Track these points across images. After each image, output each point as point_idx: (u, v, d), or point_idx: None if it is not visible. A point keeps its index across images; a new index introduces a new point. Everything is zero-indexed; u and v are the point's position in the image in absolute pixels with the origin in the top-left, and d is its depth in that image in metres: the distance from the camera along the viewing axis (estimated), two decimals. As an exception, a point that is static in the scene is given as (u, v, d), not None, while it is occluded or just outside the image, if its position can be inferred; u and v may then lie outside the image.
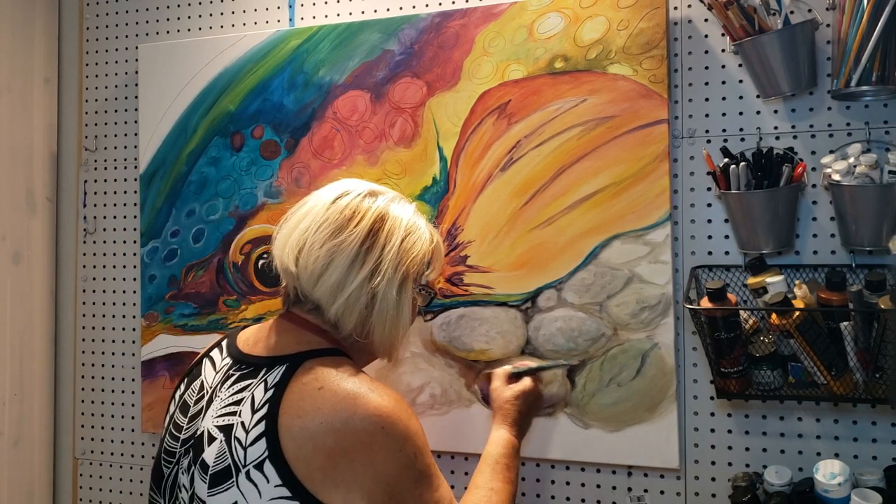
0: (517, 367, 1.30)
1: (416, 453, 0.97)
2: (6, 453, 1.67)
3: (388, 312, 1.05)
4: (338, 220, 1.04)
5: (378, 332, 1.06)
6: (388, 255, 1.04)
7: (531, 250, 1.40)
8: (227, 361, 1.07)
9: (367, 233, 1.04)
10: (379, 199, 1.08)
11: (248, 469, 0.93)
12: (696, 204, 1.36)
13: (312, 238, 1.03)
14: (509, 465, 1.15)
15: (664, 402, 1.33)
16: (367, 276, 1.03)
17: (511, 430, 1.20)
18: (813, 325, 1.17)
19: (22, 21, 1.73)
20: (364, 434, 0.93)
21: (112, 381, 1.76)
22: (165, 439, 1.07)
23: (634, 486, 1.39)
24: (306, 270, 1.03)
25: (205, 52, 1.64)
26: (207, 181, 1.64)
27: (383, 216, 1.06)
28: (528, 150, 1.41)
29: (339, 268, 1.02)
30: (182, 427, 1.05)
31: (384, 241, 1.04)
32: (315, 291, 1.04)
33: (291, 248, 1.05)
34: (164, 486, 1.04)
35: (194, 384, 1.09)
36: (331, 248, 1.02)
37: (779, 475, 1.23)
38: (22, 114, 1.73)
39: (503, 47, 1.43)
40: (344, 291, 1.02)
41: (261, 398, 0.96)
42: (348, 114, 1.53)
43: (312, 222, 1.05)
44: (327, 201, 1.07)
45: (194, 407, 1.05)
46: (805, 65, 1.22)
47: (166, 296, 1.67)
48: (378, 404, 0.95)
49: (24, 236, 1.73)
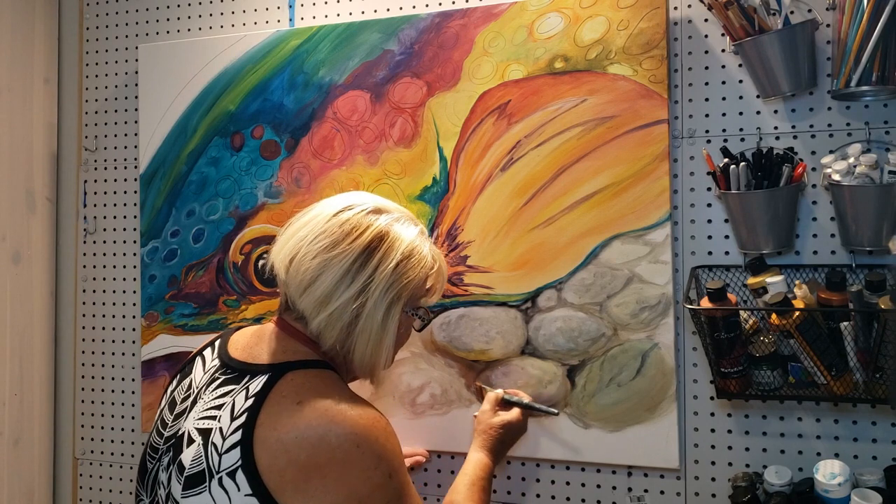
0: (509, 394, 1.32)
1: (390, 473, 0.96)
2: (6, 453, 1.67)
3: (371, 333, 1.03)
4: (335, 234, 1.03)
5: (359, 351, 1.04)
6: (380, 276, 1.02)
7: (531, 250, 1.40)
8: (215, 363, 1.07)
9: (362, 250, 1.02)
10: (382, 217, 1.06)
11: (220, 476, 0.93)
12: (696, 204, 1.36)
13: (307, 248, 1.03)
14: (485, 489, 1.16)
15: (664, 403, 1.33)
16: (355, 295, 1.01)
17: (489, 455, 1.22)
18: (813, 326, 1.17)
19: (22, 21, 1.73)
20: (338, 451, 0.92)
21: (112, 381, 1.76)
22: (152, 434, 1.08)
23: (634, 486, 1.39)
24: (295, 279, 1.03)
25: (205, 52, 1.64)
26: (207, 181, 1.64)
27: (383, 235, 1.04)
28: (528, 150, 1.41)
29: (326, 282, 1.01)
30: (167, 424, 1.05)
31: (378, 261, 1.03)
32: (300, 301, 1.03)
33: (285, 254, 1.05)
34: (146, 480, 1.05)
35: (184, 382, 1.09)
36: (322, 261, 1.02)
37: (779, 475, 1.23)
38: (22, 114, 1.73)
39: (503, 47, 1.43)
40: (328, 307, 1.01)
41: (241, 406, 0.96)
42: (348, 114, 1.53)
43: (310, 232, 1.04)
44: (329, 213, 1.06)
45: (180, 405, 1.05)
46: (805, 65, 1.22)
47: (166, 296, 1.67)
48: (354, 422, 0.94)
49: (24, 236, 1.73)
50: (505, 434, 1.25)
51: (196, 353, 1.15)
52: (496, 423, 1.25)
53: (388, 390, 1.49)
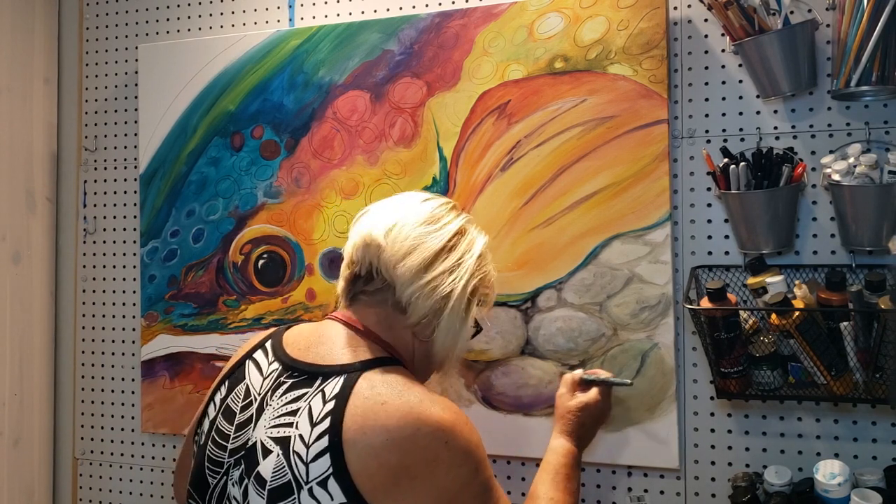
0: (587, 374, 1.23)
1: (477, 467, 0.95)
2: (6, 453, 1.67)
3: (455, 317, 1.04)
4: (430, 214, 1.06)
5: (441, 335, 1.04)
6: (467, 262, 1.05)
7: (531, 250, 1.40)
8: (275, 367, 1.02)
9: (453, 234, 1.06)
10: (462, 215, 1.11)
11: (311, 486, 0.89)
12: (696, 204, 1.36)
13: (406, 218, 1.05)
14: (570, 476, 1.11)
15: (664, 403, 1.33)
16: (449, 270, 1.03)
17: (570, 440, 1.16)
18: (813, 326, 1.17)
19: (22, 21, 1.73)
20: (428, 451, 0.91)
21: (112, 381, 1.76)
22: (209, 447, 1.02)
23: (634, 486, 1.39)
24: (394, 245, 1.03)
25: (205, 52, 1.64)
26: (207, 181, 1.64)
27: (464, 230, 1.08)
28: (528, 150, 1.41)
29: (426, 252, 1.03)
30: (229, 436, 1.00)
31: (466, 248, 1.06)
32: (397, 268, 1.02)
33: (383, 223, 1.05)
34: (209, 496, 1.00)
35: (238, 388, 1.04)
36: (422, 232, 1.04)
37: (779, 475, 1.23)
38: (22, 114, 1.73)
39: (503, 47, 1.43)
40: (426, 276, 1.02)
41: (320, 410, 0.93)
42: (348, 114, 1.53)
43: (406, 208, 1.07)
44: (418, 199, 1.09)
45: (241, 414, 1.01)
46: (805, 65, 1.22)
47: (166, 296, 1.67)
48: (440, 418, 0.93)
49: (24, 236, 1.73)
50: (584, 416, 1.18)
51: (243, 356, 1.09)
52: (573, 406, 1.19)
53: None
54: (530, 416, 1.40)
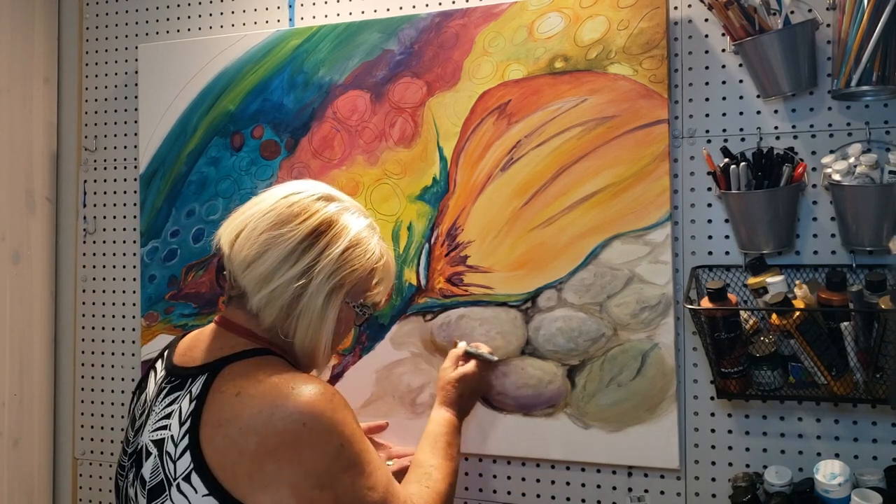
0: (470, 347, 1.36)
1: (342, 444, 0.95)
2: (6, 453, 1.67)
3: (311, 317, 1.03)
4: (283, 214, 1.03)
5: (300, 335, 1.04)
6: (324, 261, 1.02)
7: (531, 250, 1.40)
8: (162, 373, 1.07)
9: (309, 232, 1.02)
10: (332, 205, 1.07)
11: (177, 482, 0.94)
12: (696, 204, 1.36)
13: (254, 225, 1.03)
14: (450, 443, 1.20)
15: (664, 403, 1.33)
16: (297, 275, 1.01)
17: (450, 410, 1.26)
18: (813, 326, 1.17)
19: (22, 21, 1.73)
20: (286, 433, 0.92)
21: (112, 382, 1.76)
22: (120, 453, 1.09)
23: (634, 486, 1.39)
24: (240, 254, 1.03)
25: (205, 52, 1.64)
26: (207, 181, 1.64)
27: (331, 222, 1.04)
28: (529, 150, 1.41)
29: (270, 259, 1.01)
30: (129, 440, 1.06)
31: (324, 246, 1.03)
32: (243, 277, 1.03)
33: (231, 231, 1.05)
34: (120, 497, 1.06)
35: (141, 397, 1.10)
36: (268, 238, 1.02)
37: (779, 475, 1.23)
38: (22, 114, 1.73)
39: (503, 47, 1.42)
40: (270, 284, 1.01)
41: (186, 410, 0.97)
42: (348, 114, 1.53)
43: (258, 211, 1.05)
44: (279, 196, 1.07)
45: (138, 420, 1.06)
46: (805, 65, 1.22)
47: (166, 296, 1.67)
48: (297, 401, 0.94)
49: (23, 236, 1.73)
50: (462, 387, 1.30)
51: (150, 366, 1.14)
52: (453, 378, 1.30)
53: (387, 390, 1.49)
54: (530, 416, 1.40)
